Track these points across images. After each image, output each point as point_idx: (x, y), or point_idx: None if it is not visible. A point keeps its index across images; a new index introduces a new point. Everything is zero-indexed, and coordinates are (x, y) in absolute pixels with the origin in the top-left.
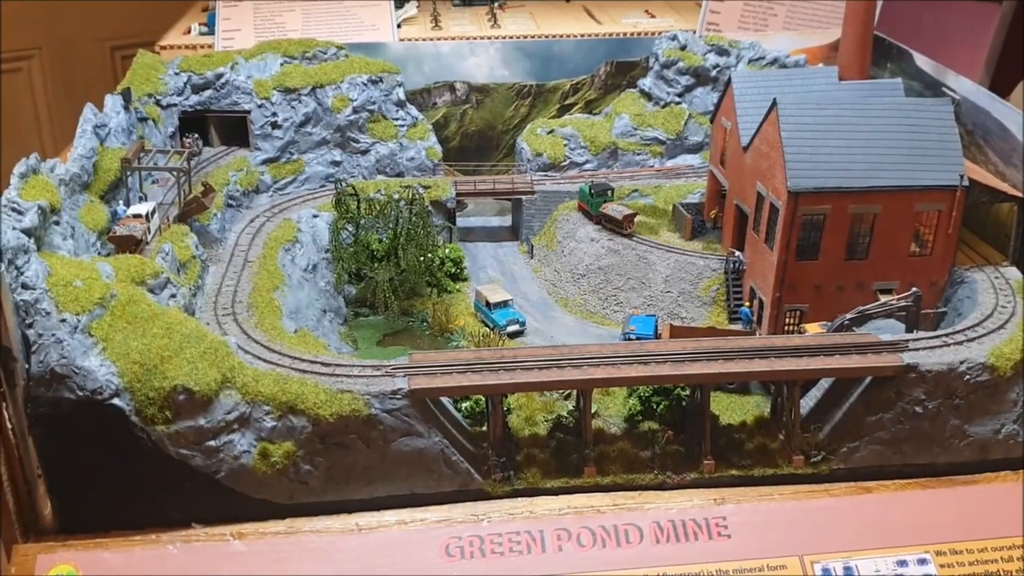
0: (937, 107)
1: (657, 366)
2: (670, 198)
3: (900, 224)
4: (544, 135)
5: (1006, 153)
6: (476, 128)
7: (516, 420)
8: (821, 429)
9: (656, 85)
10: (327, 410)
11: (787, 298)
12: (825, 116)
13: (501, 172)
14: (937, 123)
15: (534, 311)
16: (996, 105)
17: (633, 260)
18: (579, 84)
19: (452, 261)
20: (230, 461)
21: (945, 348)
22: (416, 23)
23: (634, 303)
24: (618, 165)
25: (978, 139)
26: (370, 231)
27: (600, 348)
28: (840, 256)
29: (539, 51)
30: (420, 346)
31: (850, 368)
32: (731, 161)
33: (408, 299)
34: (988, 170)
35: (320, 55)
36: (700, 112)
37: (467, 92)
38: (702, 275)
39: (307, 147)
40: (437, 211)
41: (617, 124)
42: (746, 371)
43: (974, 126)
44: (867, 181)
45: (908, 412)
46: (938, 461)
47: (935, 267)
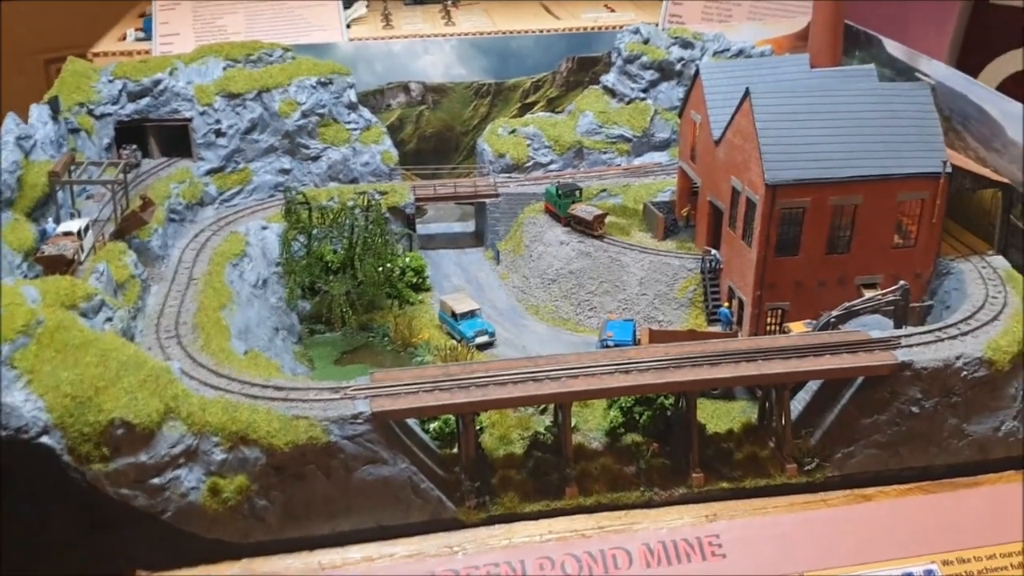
0: (915, 92)
1: (640, 374)
2: (640, 197)
3: (882, 215)
4: (506, 135)
5: (986, 138)
6: (434, 130)
7: (489, 439)
8: (812, 434)
9: (620, 81)
10: (282, 439)
11: (768, 296)
12: (800, 105)
13: (462, 175)
14: (916, 108)
15: (503, 320)
16: (974, 88)
17: (605, 263)
18: (540, 81)
19: (413, 270)
20: (177, 499)
21: (939, 343)
22: (366, 22)
23: (609, 308)
24: (584, 164)
25: (956, 125)
26: (324, 242)
27: (578, 358)
28: (821, 250)
29: (496, 48)
30: (382, 363)
31: (842, 369)
32: (702, 156)
33: (367, 313)
34: (968, 156)
35: (265, 58)
36: (666, 108)
37: (422, 92)
38: (678, 276)
39: (254, 155)
40: (395, 218)
41: (581, 122)
42: (734, 376)
43: (951, 111)
44: (847, 171)
45: (904, 413)
46: (936, 463)
47: (919, 259)
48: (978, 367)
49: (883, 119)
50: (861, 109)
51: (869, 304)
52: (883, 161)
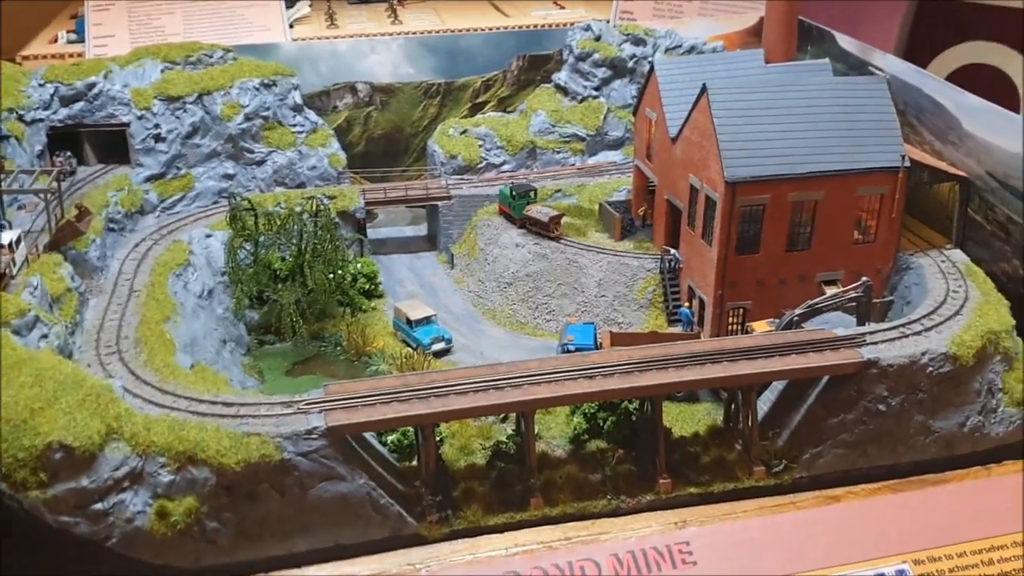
0: (871, 86)
1: (604, 379)
2: (595, 197)
3: (842, 210)
4: (457, 136)
5: (942, 131)
6: (382, 131)
7: (450, 450)
8: (779, 435)
9: (572, 79)
10: (232, 457)
11: (729, 296)
12: (758, 100)
13: (413, 177)
14: (873, 102)
15: (459, 325)
16: (928, 81)
17: (563, 264)
18: (491, 80)
19: (365, 277)
20: (122, 525)
21: (904, 340)
22: (310, 22)
23: (567, 310)
24: (538, 164)
25: (911, 118)
26: (271, 249)
27: (540, 364)
28: (782, 248)
29: (445, 47)
30: (335, 374)
31: (809, 368)
32: (659, 154)
33: (318, 321)
34: (924, 150)
35: (205, 59)
36: (619, 106)
37: (370, 93)
38: (637, 276)
39: (196, 160)
40: (345, 223)
41: (534, 121)
42: (701, 379)
43: (905, 105)
44: (807, 167)
45: (871, 411)
46: (904, 461)
47: (879, 254)
48: (943, 363)
49: (841, 114)
50: (818, 104)
51: (832, 301)
52: (842, 156)
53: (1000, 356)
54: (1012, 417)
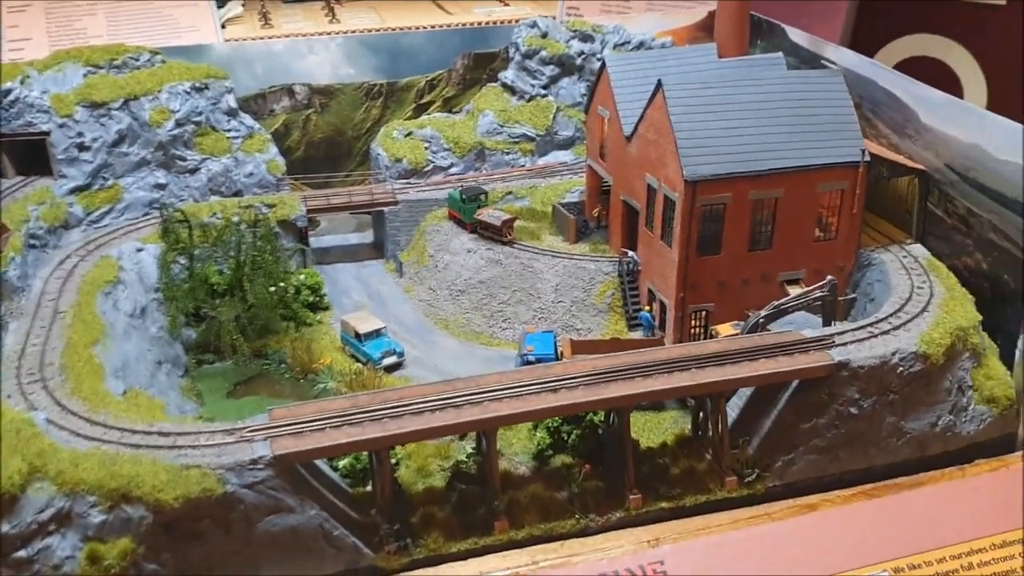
0: (828, 79)
1: (569, 392)
2: (547, 198)
3: (803, 207)
4: (402, 138)
5: (899, 124)
6: (323, 135)
7: (407, 472)
8: (750, 443)
9: (519, 77)
10: (171, 493)
11: (691, 298)
12: (714, 96)
13: (356, 182)
14: (831, 96)
15: (411, 337)
16: (883, 74)
17: (517, 270)
18: (435, 80)
19: (309, 288)
20: (50, 572)
21: (873, 340)
22: (242, 22)
23: (524, 318)
24: (487, 166)
25: (866, 112)
26: (207, 262)
27: (500, 378)
28: (743, 247)
29: (387, 46)
30: (280, 393)
31: (780, 373)
32: (613, 153)
33: (260, 338)
34: (881, 144)
35: (131, 62)
36: (568, 104)
37: (308, 95)
38: (594, 280)
39: (124, 170)
40: (286, 232)
41: (481, 122)
42: (669, 388)
43: (861, 98)
44: (767, 163)
45: (843, 414)
46: (877, 464)
47: (841, 251)
48: (913, 362)
49: (798, 108)
50: (775, 99)
51: (798, 302)
52: (802, 152)
53: (968, 353)
54: (982, 415)
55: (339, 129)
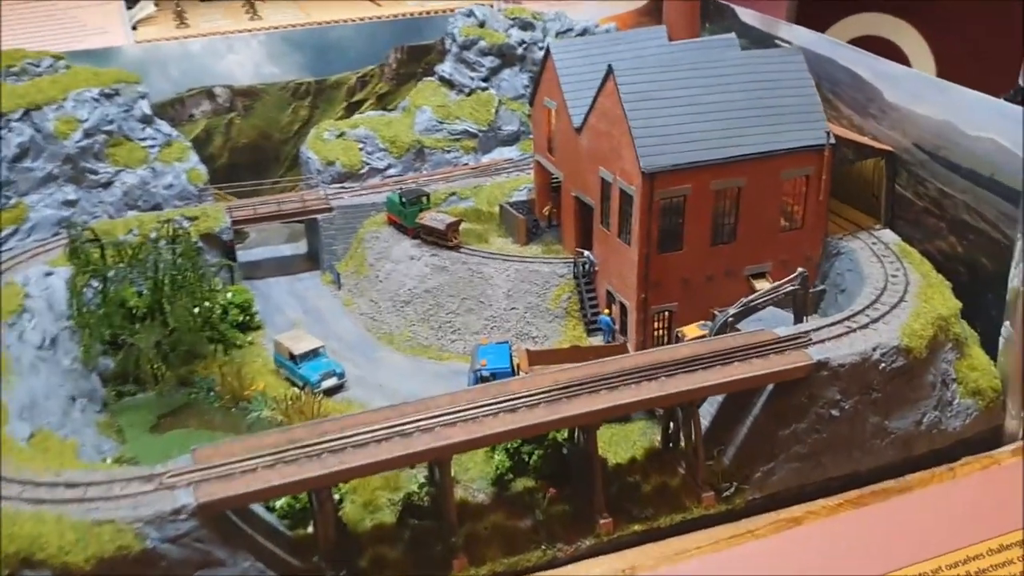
0: (787, 58)
1: (529, 411)
2: (494, 198)
3: (767, 196)
4: (333, 139)
5: (861, 103)
6: (248, 140)
7: (352, 509)
8: (725, 453)
9: (457, 70)
10: (80, 554)
11: (653, 298)
12: (669, 81)
13: (286, 189)
14: (790, 77)
15: (353, 355)
16: (841, 51)
17: (466, 276)
18: (367, 76)
19: (238, 307)
20: None
21: (851, 335)
22: (156, 22)
23: (475, 328)
24: (427, 166)
25: (826, 92)
26: (123, 284)
27: (452, 399)
28: (706, 242)
29: (312, 41)
30: (210, 425)
31: (756, 377)
32: (562, 147)
33: (186, 364)
34: (843, 125)
35: (32, 68)
36: (511, 97)
37: (230, 98)
38: (549, 283)
39: (29, 187)
40: (210, 247)
41: (419, 119)
42: (637, 400)
43: (819, 78)
44: (728, 150)
45: (824, 417)
46: (861, 468)
47: (808, 241)
48: (896, 357)
49: (758, 90)
50: (733, 81)
51: (768, 297)
52: (763, 137)
53: (951, 343)
54: (968, 409)
55: (265, 133)
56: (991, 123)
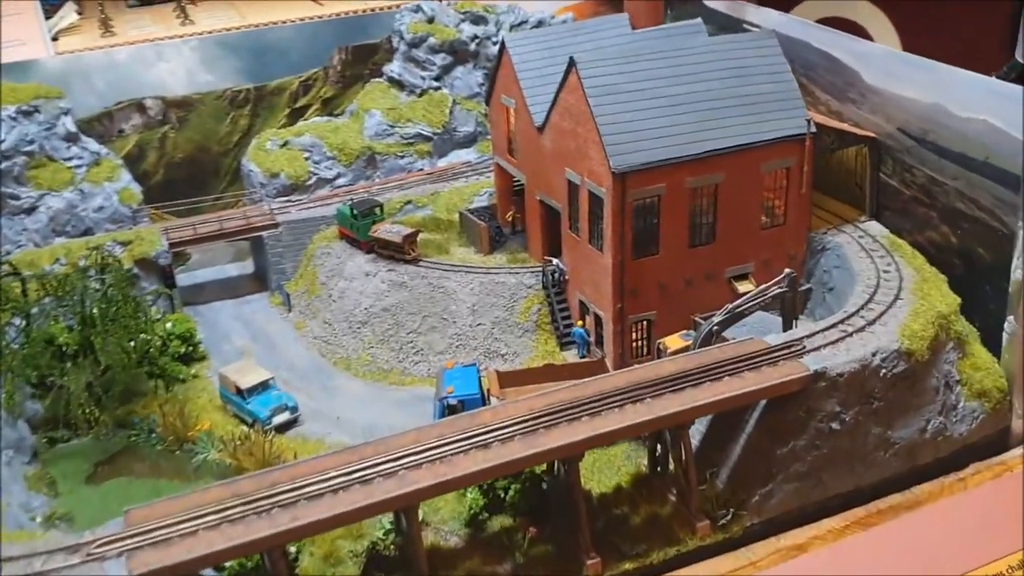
0: (760, 42)
1: (503, 446)
2: (453, 205)
3: (746, 192)
4: (277, 150)
5: (839, 88)
6: (184, 154)
7: (311, 563)
8: (718, 475)
9: (406, 69)
10: None
11: (630, 307)
12: (636, 72)
13: (229, 205)
14: (765, 62)
15: (307, 384)
16: (815, 32)
17: (426, 292)
18: (310, 80)
19: (179, 337)
20: None
21: (848, 340)
22: (79, 31)
23: (439, 348)
24: (379, 174)
25: (800, 77)
26: (49, 320)
27: (417, 436)
28: (683, 244)
29: (250, 45)
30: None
31: (749, 392)
32: (524, 147)
33: (123, 404)
34: (820, 111)
35: None
36: (466, 96)
37: (163, 110)
38: (516, 296)
39: None
40: (146, 273)
41: (368, 123)
42: (623, 427)
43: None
44: (703, 145)
45: (823, 432)
46: (864, 483)
47: (791, 237)
48: (897, 361)
49: (732, 79)
50: (704, 69)
51: (754, 302)
52: (741, 128)
53: (953, 343)
54: (974, 412)
55: (203, 146)
56: (983, 103)
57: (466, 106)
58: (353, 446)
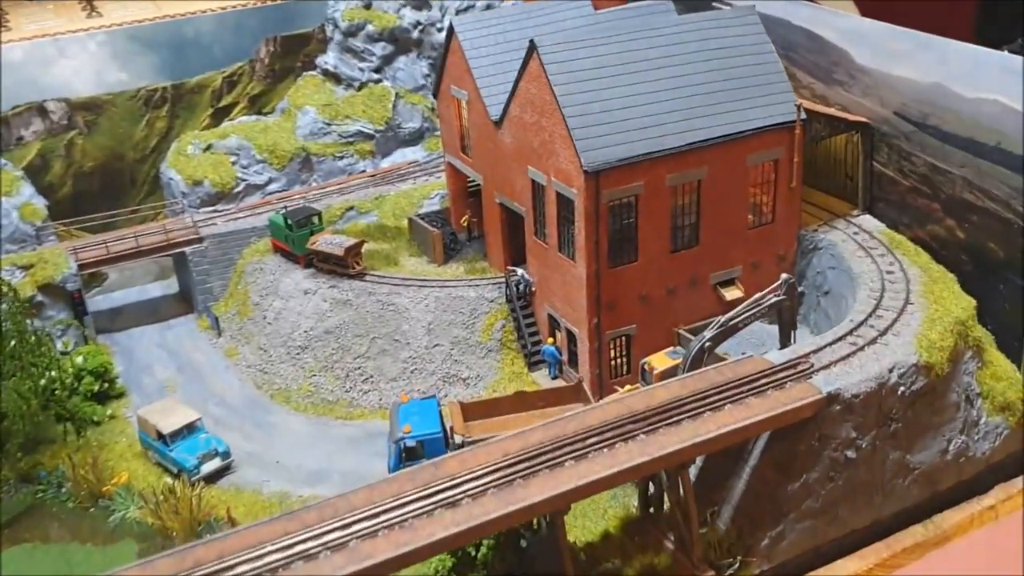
0: (739, 19)
1: (475, 503)
2: (400, 210)
3: (732, 188)
4: (199, 154)
5: (825, 69)
6: (95, 162)
7: None
8: (719, 515)
9: (342, 61)
10: None
11: (607, 322)
12: (605, 56)
13: (147, 219)
14: (747, 42)
15: (241, 421)
16: (798, 9)
17: (375, 310)
18: (235, 75)
19: (92, 373)
20: None
21: (860, 354)
22: None
23: (391, 374)
24: (316, 177)
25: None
26: None
27: (369, 493)
28: (665, 249)
29: (166, 38)
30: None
31: (758, 423)
32: (479, 144)
33: (28, 454)
34: (802, 96)
35: None
36: (410, 88)
37: (68, 113)
38: (477, 311)
39: None
40: (53, 300)
41: (301, 122)
42: (617, 472)
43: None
44: (684, 137)
45: (838, 461)
46: (883, 514)
47: (780, 237)
48: (915, 376)
49: (711, 60)
50: (680, 51)
51: (749, 313)
52: (724, 117)
53: (971, 351)
54: (997, 427)
55: (115, 152)
56: (994, 81)
57: (410, 99)
58: (293, 512)
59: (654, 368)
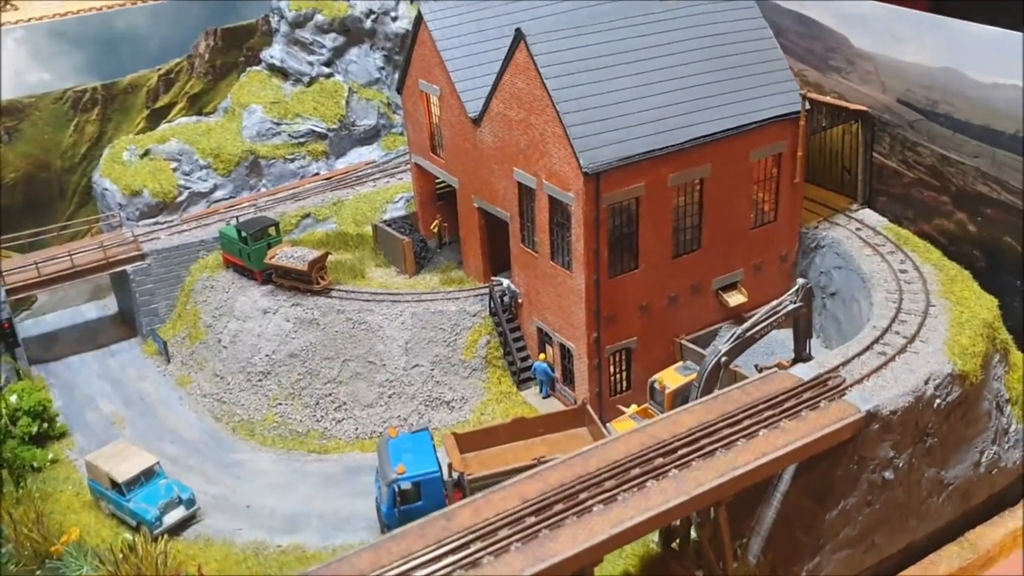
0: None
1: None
2: (362, 216)
3: (735, 185)
4: (136, 160)
5: (820, 55)
6: (17, 172)
7: None
8: (748, 548)
9: (289, 54)
10: None
11: (608, 336)
12: (599, 46)
13: (79, 234)
14: (746, 27)
15: (201, 462)
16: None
17: (344, 330)
18: (172, 72)
19: (27, 413)
20: None
21: (892, 365)
22: None
23: (366, 399)
24: (266, 182)
25: None
26: None
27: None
28: (666, 254)
29: (94, 33)
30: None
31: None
32: (454, 143)
33: None
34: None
35: None
36: (364, 83)
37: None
38: (459, 327)
39: None
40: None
41: (247, 122)
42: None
43: None
44: (687, 132)
45: (876, 484)
46: (918, 536)
47: (783, 235)
48: (951, 387)
49: (710, 49)
50: (677, 38)
51: (767, 322)
52: (727, 109)
53: (999, 354)
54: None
55: (41, 161)
56: (1012, 64)
57: (365, 95)
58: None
59: (666, 387)
